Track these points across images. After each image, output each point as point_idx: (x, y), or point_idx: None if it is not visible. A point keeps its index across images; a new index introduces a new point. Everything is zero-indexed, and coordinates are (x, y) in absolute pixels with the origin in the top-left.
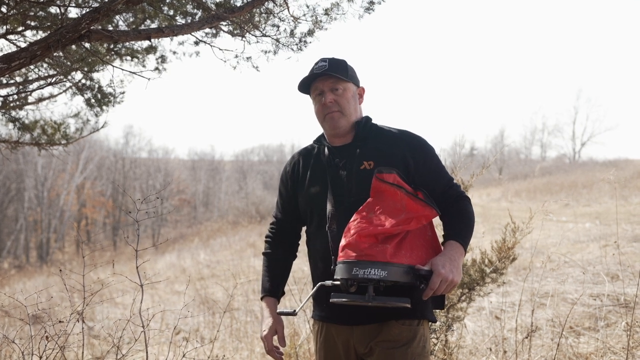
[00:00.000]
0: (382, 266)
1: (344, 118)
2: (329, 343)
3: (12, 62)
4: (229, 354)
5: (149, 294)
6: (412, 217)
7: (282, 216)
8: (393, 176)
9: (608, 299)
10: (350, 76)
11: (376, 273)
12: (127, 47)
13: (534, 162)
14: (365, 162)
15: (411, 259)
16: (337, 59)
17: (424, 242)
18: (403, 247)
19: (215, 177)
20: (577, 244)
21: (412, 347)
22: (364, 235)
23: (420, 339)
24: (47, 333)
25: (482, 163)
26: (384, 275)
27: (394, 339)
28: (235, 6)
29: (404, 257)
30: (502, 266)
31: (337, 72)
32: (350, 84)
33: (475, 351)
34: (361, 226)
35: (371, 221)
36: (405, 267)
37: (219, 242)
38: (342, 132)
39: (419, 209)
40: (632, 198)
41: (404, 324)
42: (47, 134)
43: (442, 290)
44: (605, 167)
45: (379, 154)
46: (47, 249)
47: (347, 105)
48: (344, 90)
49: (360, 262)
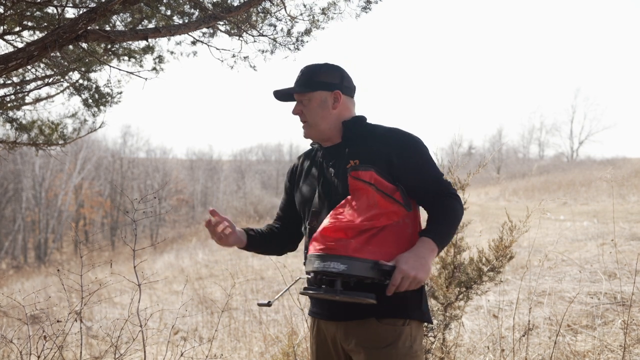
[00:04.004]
0: (343, 260)
1: (310, 128)
2: (320, 338)
3: (9, 63)
4: (227, 354)
5: (148, 294)
6: (382, 213)
7: (282, 214)
8: (370, 173)
9: (605, 297)
10: (317, 84)
11: (336, 267)
12: (124, 47)
13: (532, 161)
14: (352, 160)
15: (378, 255)
16: (309, 68)
17: (399, 239)
18: (372, 242)
19: (213, 176)
20: (575, 242)
21: (397, 347)
22: (331, 229)
23: (407, 339)
24: (45, 333)
25: (480, 162)
26: (344, 269)
27: (377, 339)
28: (232, 6)
29: (369, 253)
30: (499, 265)
31: (301, 85)
32: (317, 92)
33: (472, 349)
34: (331, 221)
35: (344, 217)
36: (369, 262)
37: None
38: (314, 139)
39: (389, 206)
40: (629, 196)
41: (387, 323)
42: (45, 134)
43: (405, 286)
44: (603, 166)
45: (364, 152)
46: (45, 249)
47: (311, 115)
48: (308, 101)
49: (323, 255)
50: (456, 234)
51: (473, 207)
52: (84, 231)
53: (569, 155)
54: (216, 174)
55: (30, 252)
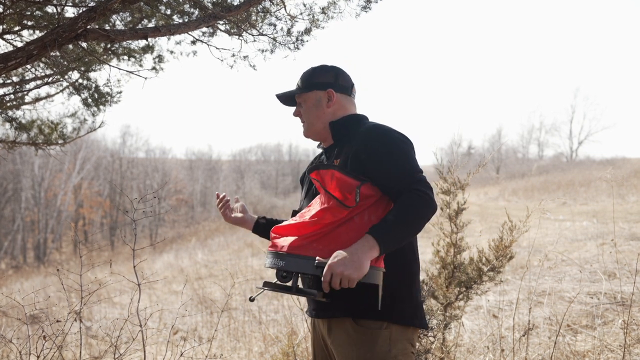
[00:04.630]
0: (281, 257)
1: (307, 127)
2: (316, 335)
3: (9, 62)
4: (226, 354)
5: (147, 294)
6: (328, 210)
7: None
8: (330, 172)
9: (605, 297)
10: (312, 84)
11: (276, 263)
12: (124, 47)
13: (532, 160)
14: (336, 160)
15: (322, 252)
16: (307, 71)
17: (355, 236)
18: (323, 240)
19: (212, 176)
20: (575, 242)
21: (372, 351)
22: (282, 228)
23: (384, 343)
24: (45, 333)
25: (479, 162)
26: (282, 264)
27: (351, 341)
28: (232, 5)
29: (312, 250)
30: (499, 265)
31: (298, 88)
32: (312, 92)
33: (472, 349)
34: (287, 220)
35: (301, 215)
36: (306, 259)
37: (217, 241)
38: (312, 138)
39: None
40: (629, 196)
41: (363, 324)
42: (44, 133)
43: (336, 283)
44: (603, 166)
45: (345, 151)
46: (45, 249)
47: (307, 114)
48: (304, 102)
49: (270, 252)
50: (420, 230)
51: (472, 207)
52: (83, 231)
53: (568, 155)
54: (215, 174)
55: (29, 252)
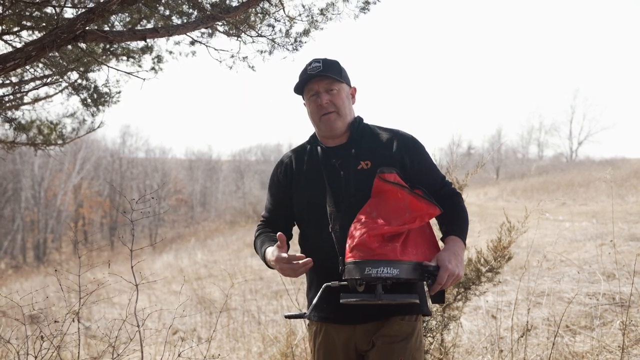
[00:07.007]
0: (394, 264)
1: (340, 119)
2: (328, 343)
3: (8, 63)
4: (225, 354)
5: (147, 294)
6: (416, 215)
7: (271, 216)
8: (394, 175)
9: (604, 298)
10: (344, 77)
11: (389, 271)
12: (122, 47)
13: (531, 161)
14: (362, 162)
15: (417, 256)
16: (331, 60)
17: (424, 239)
18: (408, 245)
19: (212, 176)
20: (574, 243)
21: (410, 342)
22: (372, 234)
23: (418, 333)
24: (43, 333)
25: (478, 162)
26: (396, 273)
27: (395, 334)
28: (231, 6)
29: (411, 255)
30: (498, 265)
31: (331, 73)
32: (344, 84)
33: (471, 350)
34: (368, 226)
35: (376, 221)
36: (414, 264)
37: (216, 242)
38: (338, 133)
39: (423, 207)
40: (628, 197)
41: (403, 319)
42: (44, 134)
43: (449, 284)
44: (602, 166)
45: (375, 154)
46: (44, 249)
47: (342, 105)
48: (339, 91)
49: (372, 261)
50: None
51: (472, 207)
52: (83, 231)
53: (568, 156)
54: (215, 174)
55: (29, 252)
